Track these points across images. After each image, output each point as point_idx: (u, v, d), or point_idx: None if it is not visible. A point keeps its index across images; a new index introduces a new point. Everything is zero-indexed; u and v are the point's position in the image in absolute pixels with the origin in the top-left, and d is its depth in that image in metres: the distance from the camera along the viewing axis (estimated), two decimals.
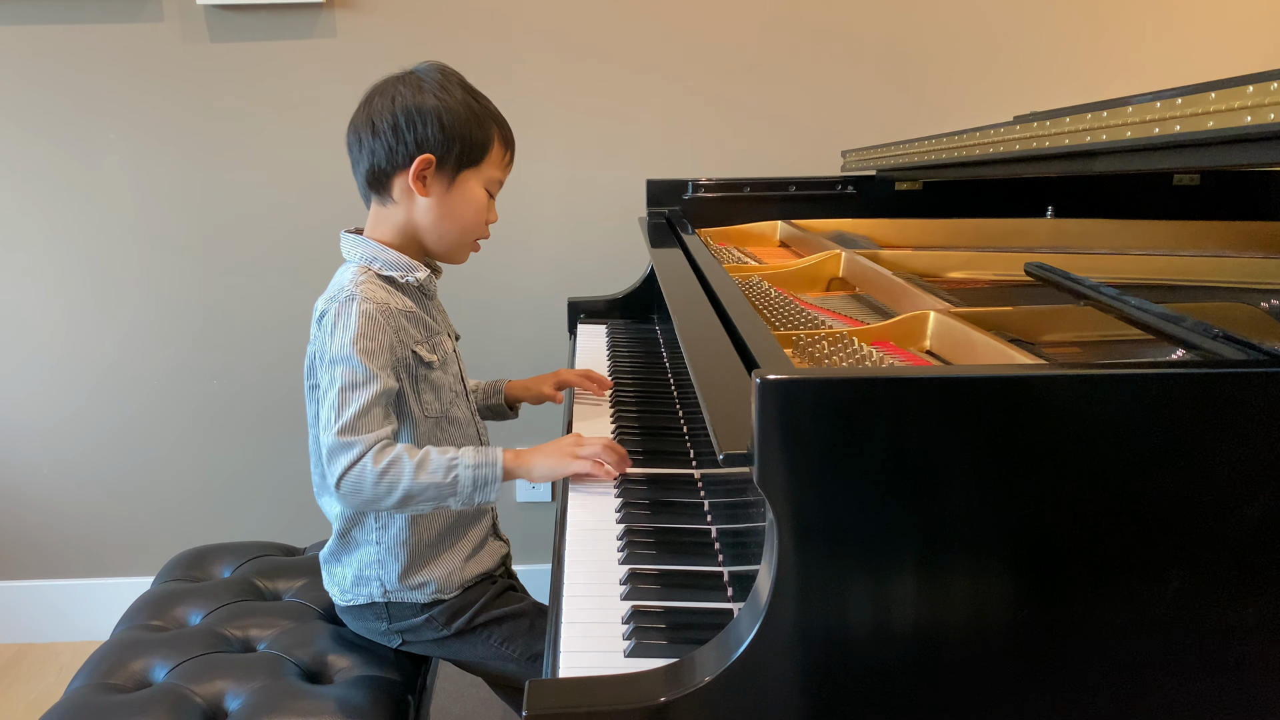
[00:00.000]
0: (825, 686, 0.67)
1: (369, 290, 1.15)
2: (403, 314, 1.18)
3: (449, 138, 1.17)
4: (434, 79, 1.19)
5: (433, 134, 1.17)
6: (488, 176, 1.22)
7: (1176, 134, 0.77)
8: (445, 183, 1.19)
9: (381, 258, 1.20)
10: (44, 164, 2.02)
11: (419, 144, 1.17)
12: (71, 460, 2.17)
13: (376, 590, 1.22)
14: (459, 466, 1.11)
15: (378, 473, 1.09)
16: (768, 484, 0.63)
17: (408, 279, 1.20)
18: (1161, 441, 0.63)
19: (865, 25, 2.01)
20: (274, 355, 2.12)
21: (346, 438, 1.09)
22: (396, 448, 1.11)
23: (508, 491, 2.23)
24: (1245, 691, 0.67)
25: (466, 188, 1.21)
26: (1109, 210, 1.62)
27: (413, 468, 1.10)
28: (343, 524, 1.22)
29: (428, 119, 1.16)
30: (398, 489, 1.09)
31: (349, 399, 1.10)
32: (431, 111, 1.16)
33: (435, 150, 1.17)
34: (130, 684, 1.19)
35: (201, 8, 1.95)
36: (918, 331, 1.03)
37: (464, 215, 1.22)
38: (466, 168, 1.20)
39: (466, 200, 1.21)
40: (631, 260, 2.01)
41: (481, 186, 1.22)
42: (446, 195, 1.20)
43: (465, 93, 1.20)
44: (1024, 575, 0.65)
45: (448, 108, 1.17)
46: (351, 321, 1.12)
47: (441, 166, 1.18)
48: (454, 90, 1.19)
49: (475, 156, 1.20)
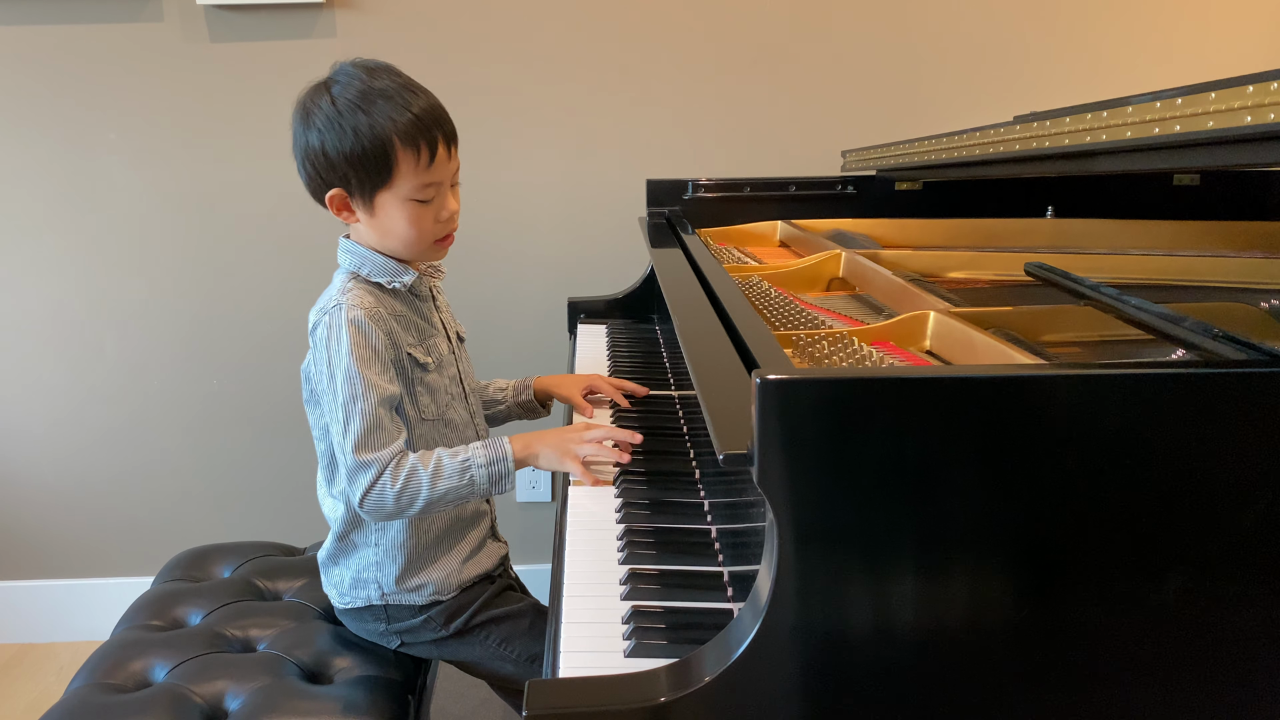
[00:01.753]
0: (825, 686, 0.67)
1: (355, 297, 1.14)
2: (393, 318, 1.17)
3: (341, 172, 1.12)
4: (322, 103, 1.11)
5: (323, 170, 1.12)
6: (410, 187, 1.13)
7: (1176, 134, 0.77)
8: (367, 208, 1.15)
9: (369, 263, 1.18)
10: (44, 164, 2.02)
11: (325, 181, 1.13)
12: (72, 460, 2.17)
13: (374, 593, 1.22)
14: (472, 467, 1.13)
15: (397, 491, 1.10)
16: (768, 484, 0.63)
17: (395, 284, 1.19)
18: (1162, 441, 0.63)
19: (865, 25, 2.01)
20: (274, 355, 2.12)
21: (362, 457, 1.10)
22: (410, 460, 1.12)
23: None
24: (1246, 691, 0.67)
25: (388, 208, 1.14)
26: (1109, 210, 1.62)
27: (429, 477, 1.11)
28: (342, 527, 1.22)
29: (315, 157, 1.12)
30: (418, 500, 1.11)
31: (353, 413, 1.10)
32: (316, 149, 1.11)
33: (340, 184, 1.13)
34: (130, 684, 1.19)
35: (201, 8, 1.95)
36: (918, 331, 1.03)
37: (399, 231, 1.15)
38: (378, 190, 1.13)
39: (394, 219, 1.15)
40: (631, 260, 2.01)
41: (405, 200, 1.13)
42: (374, 219, 1.15)
43: (353, 103, 1.10)
44: (1024, 575, 0.65)
45: (333, 138, 1.10)
46: (343, 334, 1.12)
47: (354, 195, 1.14)
48: (340, 106, 1.10)
49: (378, 179, 1.12)
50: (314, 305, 1.18)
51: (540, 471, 2.23)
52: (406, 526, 1.20)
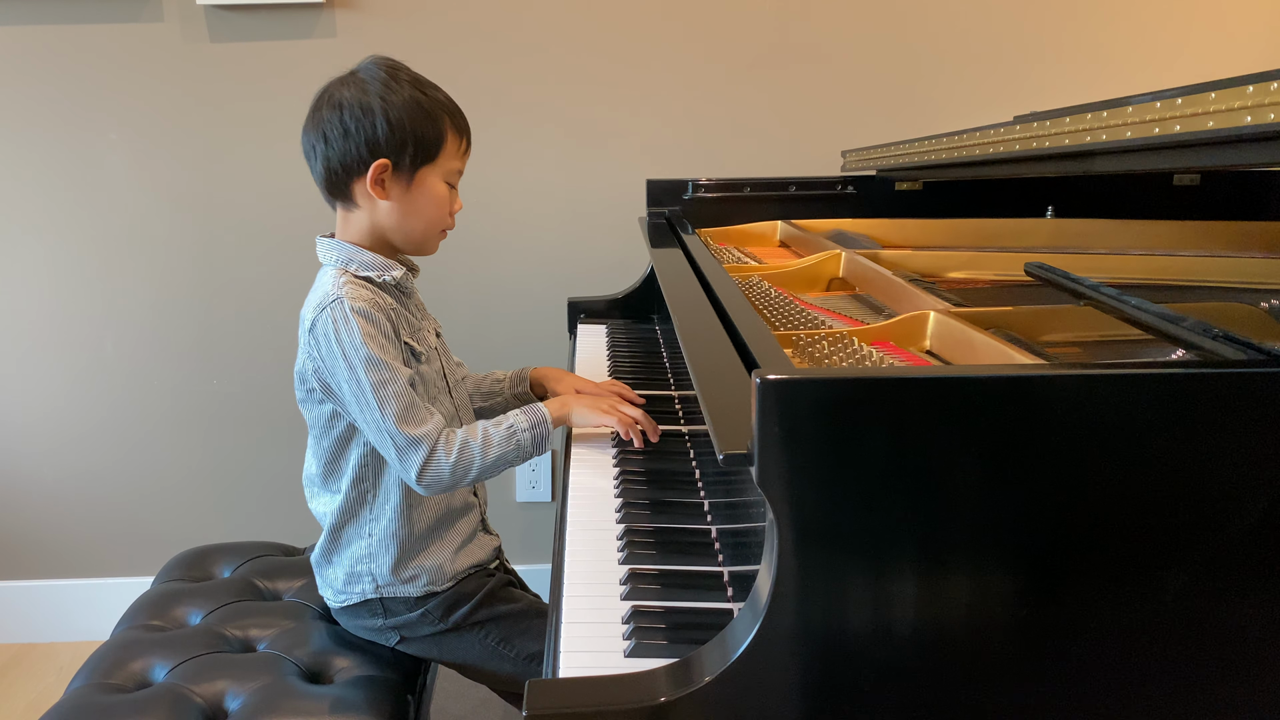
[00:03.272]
0: (825, 686, 0.67)
1: (353, 290, 1.15)
2: (389, 310, 1.18)
3: (400, 139, 1.15)
4: (377, 77, 1.16)
5: (383, 137, 1.15)
6: (446, 169, 1.20)
7: (1176, 134, 0.77)
8: (404, 184, 1.18)
9: (357, 259, 1.19)
10: (44, 164, 2.02)
11: (371, 149, 1.15)
12: (72, 460, 2.17)
13: (369, 586, 1.23)
14: (518, 431, 1.18)
15: (452, 463, 1.14)
16: (768, 484, 0.63)
17: (384, 278, 1.20)
18: (1162, 441, 0.63)
19: (865, 25, 2.01)
20: (274, 355, 2.12)
21: (412, 432, 1.12)
22: (459, 434, 1.16)
23: (508, 491, 2.23)
24: (1247, 691, 0.67)
25: (426, 185, 1.19)
26: (1109, 210, 1.62)
27: (480, 448, 1.16)
28: (336, 519, 1.23)
29: (376, 122, 1.14)
30: (473, 469, 1.16)
31: (386, 396, 1.12)
32: (379, 114, 1.14)
33: (388, 153, 1.15)
34: (130, 684, 1.19)
35: (201, 8, 1.95)
36: (918, 331, 1.03)
37: (427, 212, 1.20)
38: (423, 165, 1.18)
39: (428, 197, 1.20)
40: (631, 260, 2.01)
41: (441, 180, 1.20)
42: (406, 195, 1.18)
43: (412, 87, 1.17)
44: (1024, 575, 0.65)
45: (394, 106, 1.15)
46: (353, 324, 1.12)
47: (398, 169, 1.17)
48: (400, 87, 1.16)
49: (430, 153, 1.18)
50: (305, 305, 1.18)
51: (540, 471, 2.23)
52: (398, 516, 1.21)
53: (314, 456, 1.25)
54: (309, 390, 1.20)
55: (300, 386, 1.21)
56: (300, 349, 1.19)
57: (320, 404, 1.20)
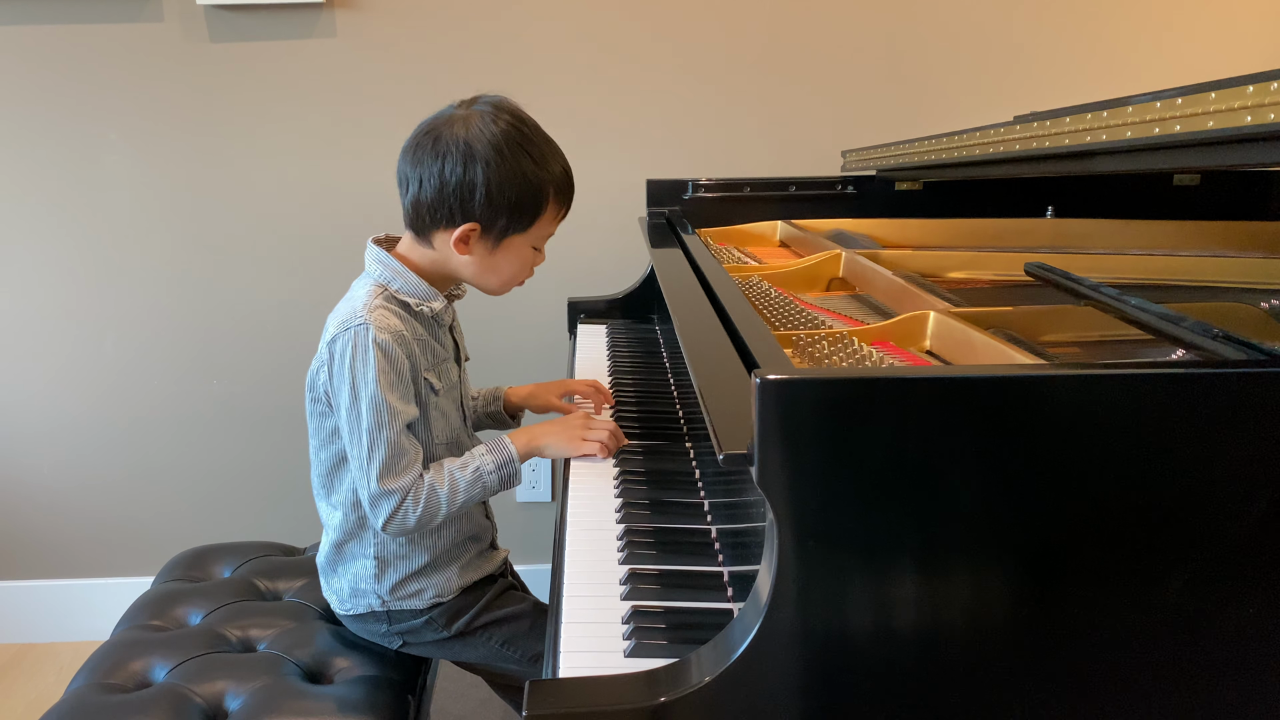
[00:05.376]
0: (825, 686, 0.67)
1: (382, 318, 1.12)
2: (414, 340, 1.16)
3: (496, 211, 1.12)
4: (490, 136, 1.11)
5: (479, 205, 1.11)
6: (539, 235, 1.18)
7: (1176, 134, 0.77)
8: (489, 246, 1.15)
9: (401, 280, 1.16)
10: (44, 164, 2.02)
11: (464, 212, 1.12)
12: (72, 460, 2.17)
13: (374, 600, 1.23)
14: (483, 473, 1.16)
15: (419, 515, 1.13)
16: (768, 484, 0.63)
17: (423, 308, 1.17)
18: (1162, 441, 0.63)
19: (865, 25, 2.01)
20: (274, 355, 2.12)
21: (387, 485, 1.11)
22: (426, 481, 1.13)
23: (508, 491, 2.23)
24: (1247, 691, 0.67)
25: (513, 249, 1.17)
26: (1109, 210, 1.62)
27: (447, 495, 1.14)
28: (339, 535, 1.22)
29: (476, 190, 1.10)
30: (438, 516, 1.15)
31: (378, 441, 1.10)
32: (479, 181, 1.10)
33: (481, 221, 1.13)
34: (130, 684, 1.19)
35: (201, 8, 1.95)
36: (918, 331, 1.03)
37: (506, 272, 1.18)
38: (514, 234, 1.15)
39: (511, 260, 1.17)
40: (631, 260, 2.01)
41: (529, 247, 1.18)
42: (490, 256, 1.16)
43: (524, 156, 1.12)
44: (1024, 575, 0.65)
45: (498, 176, 1.10)
46: (370, 357, 1.10)
47: (486, 233, 1.14)
48: (510, 156, 1.11)
49: (525, 224, 1.15)
50: (334, 313, 1.16)
51: (540, 472, 2.23)
52: (405, 543, 1.21)
53: (314, 466, 1.24)
54: (314, 399, 1.19)
55: (309, 393, 1.19)
56: (318, 355, 1.16)
57: (323, 416, 1.19)
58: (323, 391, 1.16)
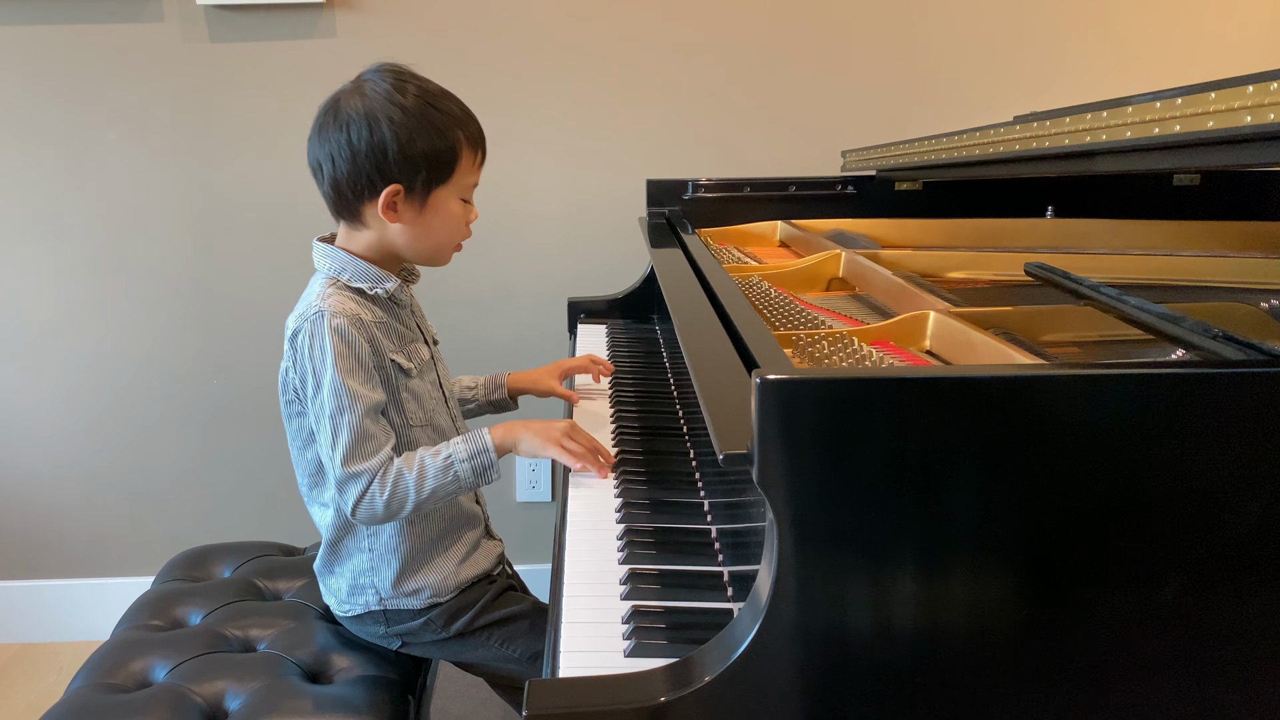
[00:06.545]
0: (825, 686, 0.67)
1: (337, 304, 1.12)
2: (375, 324, 1.16)
3: (412, 164, 1.11)
4: (383, 91, 1.11)
5: (393, 160, 1.10)
6: (461, 186, 1.16)
7: (1176, 134, 0.77)
8: (417, 206, 1.14)
9: (351, 268, 1.17)
10: (44, 164, 2.02)
11: (381, 174, 1.11)
12: (72, 460, 2.17)
13: (373, 599, 1.22)
14: (455, 463, 1.13)
15: (385, 499, 1.11)
16: (768, 484, 0.63)
17: (377, 290, 1.17)
18: (1162, 441, 0.63)
19: (866, 25, 2.01)
20: (274, 355, 2.09)
21: (352, 468, 1.10)
22: (395, 465, 1.12)
23: (508, 491, 2.23)
24: (1247, 691, 0.67)
25: (441, 205, 1.15)
26: (1109, 210, 1.62)
27: (414, 480, 1.11)
28: (333, 533, 1.22)
29: (387, 148, 1.09)
30: (408, 504, 1.12)
31: (340, 425, 1.10)
32: (387, 135, 1.09)
33: (400, 178, 1.11)
34: (130, 684, 1.19)
35: (201, 8, 1.95)
36: (918, 331, 1.03)
37: (442, 231, 1.17)
38: (437, 186, 1.14)
39: (442, 217, 1.16)
40: (631, 260, 2.01)
41: (456, 199, 1.16)
42: (420, 217, 1.15)
43: (422, 100, 1.11)
44: (1024, 575, 0.65)
45: (403, 125, 1.09)
46: (326, 344, 1.10)
47: (410, 192, 1.13)
48: (409, 103, 1.10)
49: (444, 173, 1.13)
50: (293, 310, 1.17)
51: (540, 472, 2.23)
52: (399, 531, 1.20)
53: (298, 470, 1.24)
54: (288, 400, 1.19)
55: (282, 394, 1.20)
56: (284, 355, 1.17)
57: (300, 416, 1.19)
58: (293, 390, 1.17)
